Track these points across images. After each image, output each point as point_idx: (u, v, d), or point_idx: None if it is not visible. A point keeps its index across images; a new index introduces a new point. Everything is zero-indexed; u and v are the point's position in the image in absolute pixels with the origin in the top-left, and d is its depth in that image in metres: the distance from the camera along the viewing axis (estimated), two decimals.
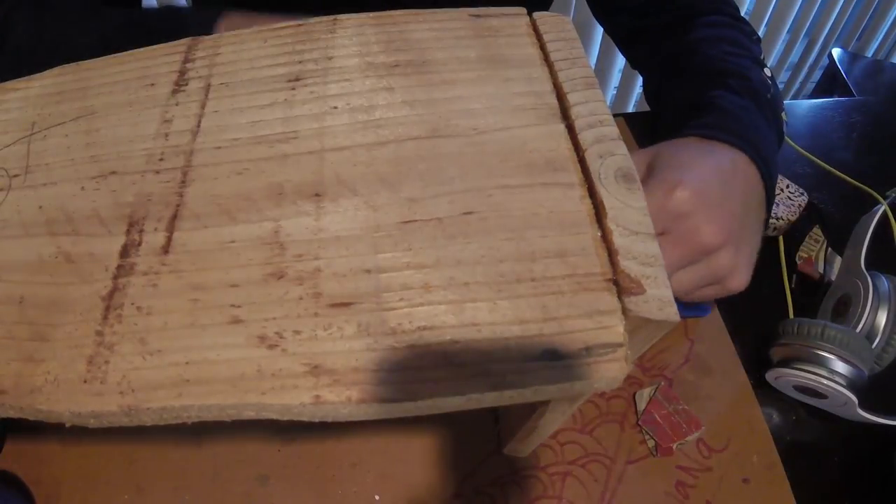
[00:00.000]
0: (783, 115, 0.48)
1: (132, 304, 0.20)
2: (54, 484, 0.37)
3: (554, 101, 0.28)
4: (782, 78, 1.70)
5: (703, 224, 0.36)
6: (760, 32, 1.35)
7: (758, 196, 0.41)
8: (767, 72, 0.49)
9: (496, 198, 0.23)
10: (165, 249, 0.22)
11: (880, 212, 0.52)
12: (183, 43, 0.31)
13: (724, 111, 0.43)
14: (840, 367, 0.40)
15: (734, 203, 0.39)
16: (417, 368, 0.19)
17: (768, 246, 0.52)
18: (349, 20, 0.32)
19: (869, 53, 1.66)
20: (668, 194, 0.36)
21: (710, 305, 0.48)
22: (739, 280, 0.39)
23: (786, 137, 0.50)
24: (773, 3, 1.37)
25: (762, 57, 0.51)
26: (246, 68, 0.29)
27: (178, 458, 0.39)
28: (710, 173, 0.38)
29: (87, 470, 0.38)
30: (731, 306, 0.47)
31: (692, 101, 0.47)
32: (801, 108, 0.68)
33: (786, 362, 0.42)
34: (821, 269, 0.52)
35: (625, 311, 0.21)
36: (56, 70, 0.31)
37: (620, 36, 0.62)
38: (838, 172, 0.58)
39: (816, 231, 0.55)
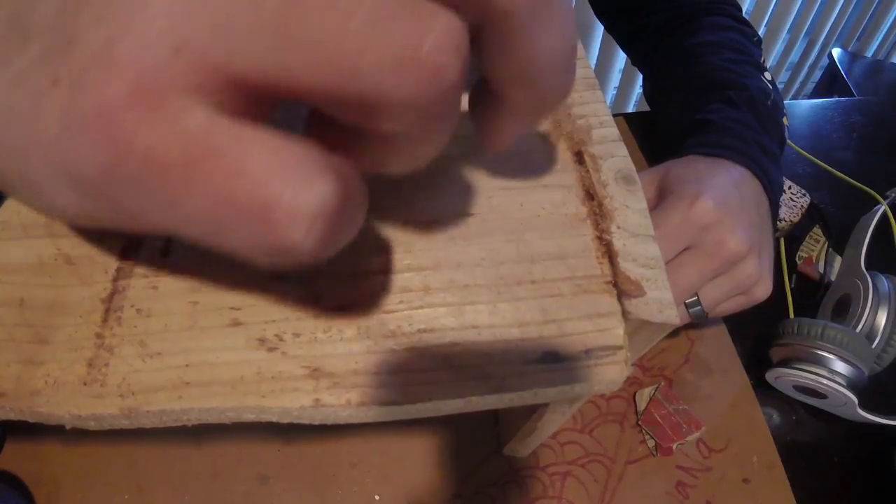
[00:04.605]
0: (784, 119, 0.48)
1: (132, 306, 0.20)
2: (54, 484, 0.37)
3: None
4: (782, 78, 1.70)
5: (728, 233, 0.36)
6: (760, 32, 1.34)
7: (765, 207, 0.42)
8: (768, 76, 0.49)
9: (496, 199, 0.23)
10: (165, 251, 0.22)
11: (880, 212, 0.52)
12: None
13: (723, 128, 0.44)
14: (840, 367, 0.40)
15: (751, 212, 0.39)
16: (417, 371, 0.19)
17: None
18: None
19: (869, 53, 1.66)
20: (689, 207, 0.36)
21: None
22: (765, 288, 0.39)
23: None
24: (773, 3, 1.37)
25: (763, 60, 0.51)
26: None
27: (178, 459, 0.39)
28: (726, 184, 0.39)
29: (87, 470, 0.38)
30: None
31: (692, 115, 0.47)
32: (801, 108, 0.68)
33: (786, 362, 0.42)
34: (821, 269, 0.52)
35: (625, 313, 0.20)
36: None
37: (621, 34, 0.62)
38: (838, 173, 0.58)
39: (816, 231, 0.55)
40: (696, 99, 0.48)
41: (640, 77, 0.61)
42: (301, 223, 0.11)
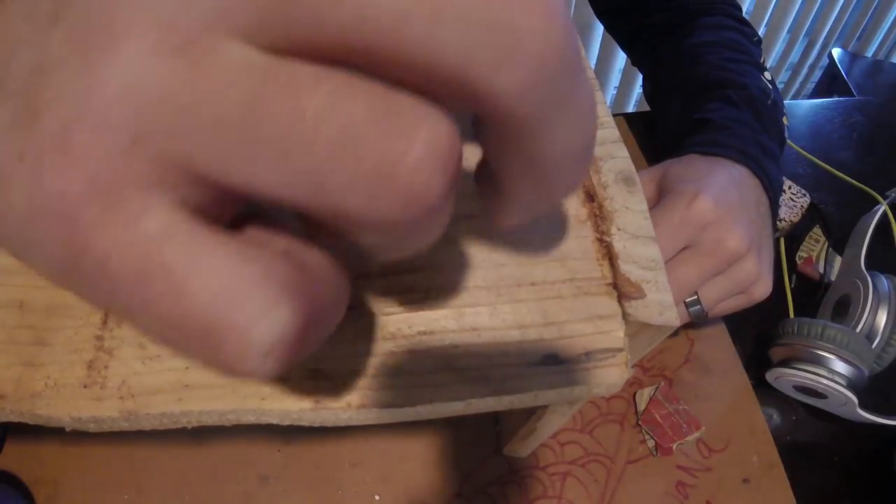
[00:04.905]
0: (784, 119, 0.48)
1: None
2: (54, 484, 0.37)
3: None
4: (782, 78, 1.70)
5: (727, 232, 0.36)
6: (760, 32, 1.34)
7: (765, 206, 0.42)
8: (767, 75, 0.49)
9: None
10: None
11: (880, 212, 0.52)
12: None
13: (723, 127, 0.44)
14: (840, 367, 0.40)
15: (751, 211, 0.39)
16: (417, 373, 0.19)
17: None
18: None
19: (869, 53, 1.66)
20: (688, 206, 0.36)
21: None
22: (765, 287, 0.39)
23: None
24: (773, 3, 1.37)
25: (762, 60, 0.51)
26: None
27: (178, 459, 0.39)
28: (725, 183, 0.39)
29: (87, 470, 0.38)
30: None
31: (692, 114, 0.47)
32: (801, 108, 0.68)
33: (786, 362, 0.42)
34: (821, 269, 0.52)
35: (625, 315, 0.20)
36: None
37: (621, 34, 0.62)
38: (838, 173, 0.58)
39: (816, 231, 0.55)
40: (695, 98, 0.48)
41: (640, 77, 0.61)
42: (253, 355, 0.10)
